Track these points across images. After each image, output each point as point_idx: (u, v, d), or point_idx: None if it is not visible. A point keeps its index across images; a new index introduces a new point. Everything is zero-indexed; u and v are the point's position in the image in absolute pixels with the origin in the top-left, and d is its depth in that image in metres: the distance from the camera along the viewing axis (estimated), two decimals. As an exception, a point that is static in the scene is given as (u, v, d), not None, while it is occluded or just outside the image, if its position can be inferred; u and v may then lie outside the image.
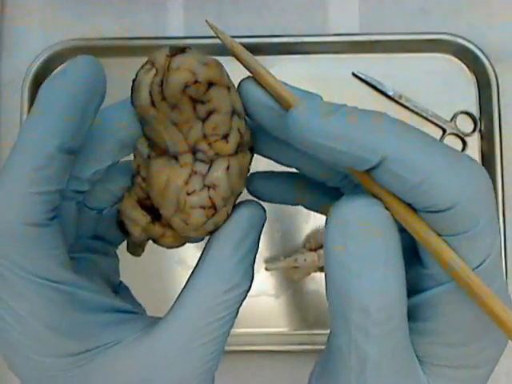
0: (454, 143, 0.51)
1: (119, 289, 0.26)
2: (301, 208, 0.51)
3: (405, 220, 0.18)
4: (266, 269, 0.47)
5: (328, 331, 0.47)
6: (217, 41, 0.53)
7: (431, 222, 0.18)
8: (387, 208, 0.18)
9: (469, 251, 0.17)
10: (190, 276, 0.22)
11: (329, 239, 0.18)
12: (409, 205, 0.18)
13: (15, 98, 0.50)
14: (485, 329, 0.18)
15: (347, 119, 0.18)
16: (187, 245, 0.24)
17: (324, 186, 0.24)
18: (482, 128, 0.50)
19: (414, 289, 0.19)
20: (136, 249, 0.25)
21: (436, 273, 0.19)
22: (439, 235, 0.18)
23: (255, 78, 0.23)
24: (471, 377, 0.19)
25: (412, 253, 0.20)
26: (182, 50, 0.20)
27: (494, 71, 0.49)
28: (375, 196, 0.19)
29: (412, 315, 0.19)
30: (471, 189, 0.17)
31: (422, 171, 0.17)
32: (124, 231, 0.23)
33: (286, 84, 0.22)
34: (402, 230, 0.19)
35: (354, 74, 0.51)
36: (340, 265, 0.18)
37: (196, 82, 0.19)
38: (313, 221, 0.50)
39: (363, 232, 0.18)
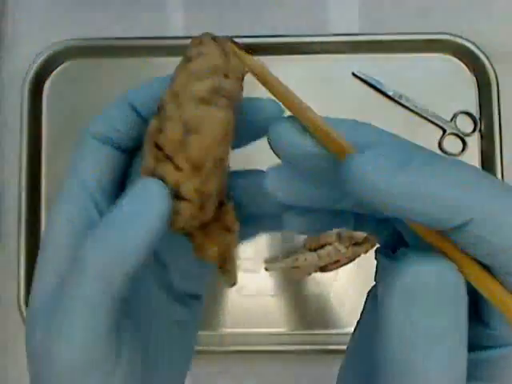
0: (454, 143, 0.51)
1: None
2: (301, 208, 0.51)
3: (479, 282, 0.16)
4: (266, 269, 0.47)
5: (327, 331, 0.47)
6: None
7: (508, 284, 0.15)
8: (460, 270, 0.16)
9: None
10: None
11: (391, 305, 0.15)
12: (484, 265, 0.16)
13: (15, 98, 0.50)
14: None
15: (423, 173, 0.15)
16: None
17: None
18: (482, 128, 0.50)
19: (469, 344, 0.17)
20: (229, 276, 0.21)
21: (504, 334, 0.17)
22: None
23: (293, 114, 0.19)
24: None
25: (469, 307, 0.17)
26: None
27: (494, 71, 0.49)
28: (442, 252, 0.16)
29: (471, 373, 0.17)
30: None
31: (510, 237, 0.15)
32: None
33: (330, 121, 0.19)
34: None
35: (354, 74, 0.51)
36: (403, 339, 0.15)
37: None
38: (313, 221, 0.50)
39: (435, 304, 0.15)
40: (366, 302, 0.23)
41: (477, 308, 0.17)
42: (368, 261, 0.46)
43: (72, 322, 0.16)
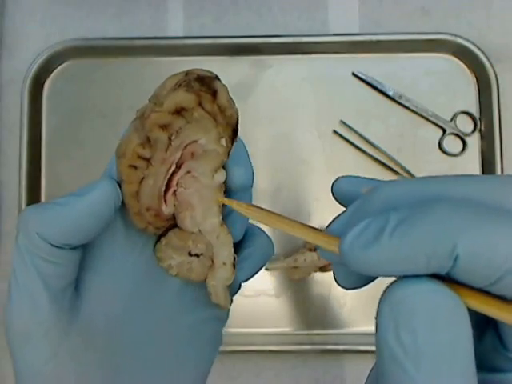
0: (454, 143, 0.51)
1: None
2: (301, 208, 0.51)
3: (485, 307, 0.15)
4: (266, 269, 0.47)
5: (327, 331, 0.47)
6: (215, 41, 0.53)
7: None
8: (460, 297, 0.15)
9: None
10: None
11: (381, 325, 0.15)
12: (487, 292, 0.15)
13: (15, 98, 0.50)
14: None
15: (398, 236, 0.15)
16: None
17: None
18: (482, 128, 0.50)
19: (486, 364, 0.17)
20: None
21: None
22: None
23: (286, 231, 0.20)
24: None
25: (485, 327, 0.17)
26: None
27: (494, 71, 0.49)
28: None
29: None
30: None
31: (500, 267, 0.14)
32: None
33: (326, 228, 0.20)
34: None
35: (354, 74, 0.51)
36: (393, 360, 0.15)
37: None
38: (313, 221, 0.50)
39: (425, 324, 0.14)
40: None
41: (497, 332, 0.17)
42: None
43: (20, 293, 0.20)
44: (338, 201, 0.21)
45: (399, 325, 0.14)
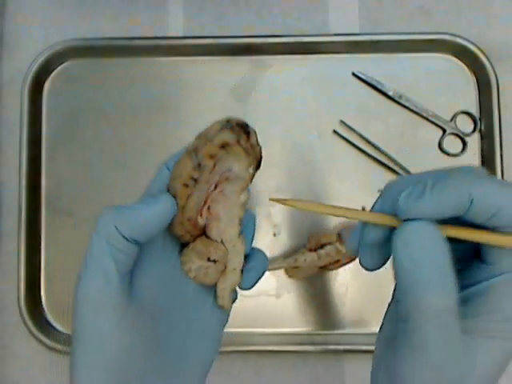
0: (454, 143, 0.51)
1: None
2: (301, 208, 0.51)
3: (476, 237, 0.24)
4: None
5: (327, 331, 0.48)
6: (215, 41, 0.53)
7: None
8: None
9: None
10: None
11: (398, 252, 0.23)
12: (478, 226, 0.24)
13: (15, 98, 0.50)
14: None
15: (436, 192, 0.23)
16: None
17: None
18: (482, 128, 0.50)
19: (473, 281, 0.25)
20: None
21: (495, 266, 0.24)
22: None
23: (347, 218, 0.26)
24: None
25: (471, 256, 0.25)
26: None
27: (494, 71, 0.49)
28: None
29: (472, 301, 0.24)
30: None
31: (496, 204, 0.22)
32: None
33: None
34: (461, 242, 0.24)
35: (354, 74, 0.51)
36: (406, 272, 0.23)
37: None
38: (313, 221, 0.50)
39: (420, 249, 0.23)
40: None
41: (479, 255, 0.25)
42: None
43: (85, 280, 0.27)
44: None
45: (408, 250, 0.23)
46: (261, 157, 0.27)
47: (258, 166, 0.27)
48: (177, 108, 0.51)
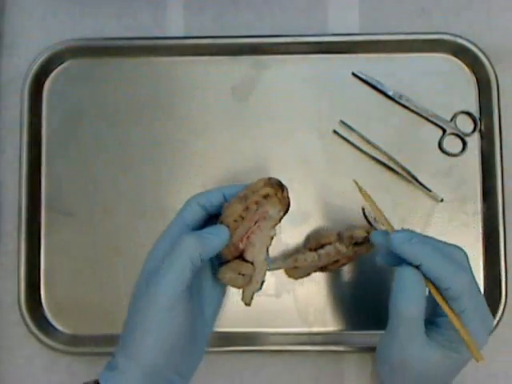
0: (454, 143, 0.51)
1: None
2: (301, 207, 0.51)
3: (439, 300, 0.36)
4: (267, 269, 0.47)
5: (327, 331, 0.48)
6: (215, 41, 0.54)
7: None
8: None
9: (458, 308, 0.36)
10: None
11: (395, 287, 0.37)
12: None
13: (15, 98, 0.51)
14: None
15: (414, 244, 0.36)
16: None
17: None
18: (482, 128, 0.50)
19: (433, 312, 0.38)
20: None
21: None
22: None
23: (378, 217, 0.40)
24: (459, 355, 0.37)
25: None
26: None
27: (494, 71, 0.49)
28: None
29: (438, 324, 0.38)
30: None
31: (448, 280, 0.35)
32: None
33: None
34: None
35: (354, 74, 0.51)
36: (397, 292, 0.36)
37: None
38: (313, 221, 0.50)
39: (407, 283, 0.36)
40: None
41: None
42: (368, 260, 0.46)
43: (172, 274, 0.34)
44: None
45: (402, 283, 0.36)
46: (289, 205, 0.38)
47: (286, 211, 0.39)
48: (177, 108, 0.51)
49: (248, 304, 0.39)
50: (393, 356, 0.38)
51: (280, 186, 0.38)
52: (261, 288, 0.39)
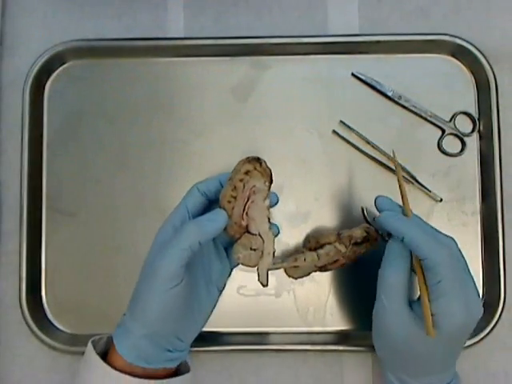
0: (454, 143, 0.51)
1: None
2: (301, 207, 0.51)
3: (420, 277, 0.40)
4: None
5: (327, 331, 0.48)
6: (215, 42, 0.54)
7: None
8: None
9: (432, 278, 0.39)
10: None
11: (383, 258, 0.41)
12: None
13: (16, 99, 0.51)
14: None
15: (397, 219, 0.41)
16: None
17: None
18: (481, 128, 0.51)
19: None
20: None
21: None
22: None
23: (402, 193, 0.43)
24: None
25: None
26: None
27: (493, 72, 0.50)
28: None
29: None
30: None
31: (423, 250, 0.38)
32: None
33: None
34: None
35: (353, 75, 0.51)
36: (385, 259, 0.41)
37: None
38: (312, 221, 0.50)
39: (392, 254, 0.41)
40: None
41: None
42: (368, 260, 0.46)
43: (172, 254, 0.38)
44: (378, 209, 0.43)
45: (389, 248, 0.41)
46: (271, 174, 0.41)
47: (271, 181, 0.41)
48: (177, 108, 0.51)
49: (265, 284, 0.42)
50: (379, 324, 0.41)
51: (257, 160, 0.41)
52: (273, 258, 0.42)
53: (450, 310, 0.38)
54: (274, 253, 0.42)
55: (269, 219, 0.42)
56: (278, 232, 0.44)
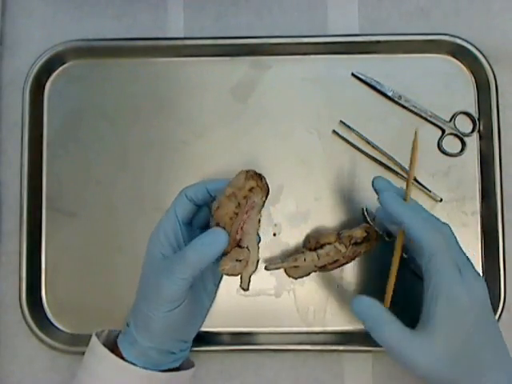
0: (453, 143, 0.51)
1: None
2: (301, 207, 0.51)
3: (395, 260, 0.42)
4: (266, 268, 0.47)
5: (327, 331, 0.48)
6: (215, 42, 0.54)
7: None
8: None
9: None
10: None
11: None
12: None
13: (17, 98, 0.51)
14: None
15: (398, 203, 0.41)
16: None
17: None
18: (481, 128, 0.51)
19: None
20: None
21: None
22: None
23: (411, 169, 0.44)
24: None
25: None
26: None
27: (493, 72, 0.50)
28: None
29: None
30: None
31: (420, 238, 0.39)
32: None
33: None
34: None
35: (353, 75, 0.51)
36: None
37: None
38: (312, 221, 0.50)
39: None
40: None
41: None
42: (367, 260, 0.46)
43: (174, 283, 0.39)
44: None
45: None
46: (268, 191, 0.42)
47: (266, 197, 0.42)
48: (177, 108, 0.51)
49: (246, 289, 0.42)
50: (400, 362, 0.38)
51: (258, 176, 0.42)
52: (256, 268, 0.42)
53: (452, 292, 0.37)
54: (258, 261, 0.42)
55: (257, 232, 0.42)
56: (260, 240, 0.44)
